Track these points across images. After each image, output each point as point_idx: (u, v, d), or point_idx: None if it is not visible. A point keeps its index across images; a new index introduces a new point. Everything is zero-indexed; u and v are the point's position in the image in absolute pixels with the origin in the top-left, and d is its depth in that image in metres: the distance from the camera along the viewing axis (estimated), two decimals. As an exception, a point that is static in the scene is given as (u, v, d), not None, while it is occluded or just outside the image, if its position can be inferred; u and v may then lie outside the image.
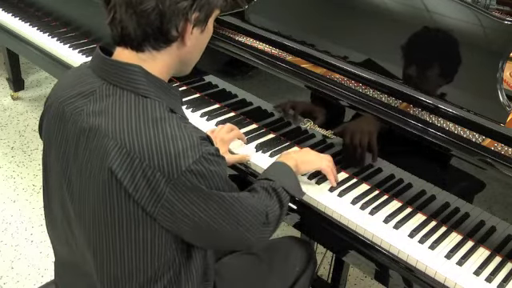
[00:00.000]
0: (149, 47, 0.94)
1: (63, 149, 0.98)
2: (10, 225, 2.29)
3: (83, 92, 0.97)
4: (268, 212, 1.08)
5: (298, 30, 1.56)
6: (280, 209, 1.13)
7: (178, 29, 0.93)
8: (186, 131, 0.90)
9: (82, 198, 0.96)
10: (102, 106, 0.93)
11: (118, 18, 0.92)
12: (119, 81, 0.93)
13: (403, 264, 1.18)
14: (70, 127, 0.96)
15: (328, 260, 1.95)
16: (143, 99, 0.92)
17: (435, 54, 1.35)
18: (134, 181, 0.88)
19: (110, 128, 0.90)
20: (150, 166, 0.86)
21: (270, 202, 1.12)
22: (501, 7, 1.93)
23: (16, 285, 2.02)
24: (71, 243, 1.04)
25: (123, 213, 0.90)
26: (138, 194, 0.88)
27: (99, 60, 0.97)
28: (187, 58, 1.01)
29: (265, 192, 1.14)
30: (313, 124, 1.45)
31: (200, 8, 0.93)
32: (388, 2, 1.44)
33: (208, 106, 1.67)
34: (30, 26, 2.43)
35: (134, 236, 0.91)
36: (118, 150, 0.88)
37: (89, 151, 0.92)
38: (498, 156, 1.16)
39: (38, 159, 2.71)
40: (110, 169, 0.88)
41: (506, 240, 1.19)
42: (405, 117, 1.28)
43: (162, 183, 0.87)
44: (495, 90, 1.24)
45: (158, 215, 0.89)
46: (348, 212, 1.27)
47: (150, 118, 0.90)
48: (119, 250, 0.93)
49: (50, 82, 3.44)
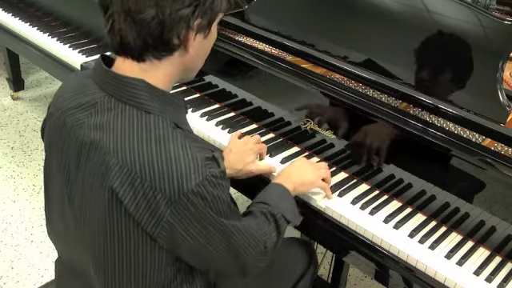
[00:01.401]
0: (150, 56, 0.91)
1: (64, 160, 0.97)
2: (10, 225, 2.29)
3: (84, 103, 0.94)
4: (266, 241, 1.05)
5: (298, 30, 1.56)
6: (277, 236, 1.10)
7: (179, 37, 0.89)
8: (191, 151, 0.87)
9: (82, 211, 0.95)
10: (103, 120, 0.91)
11: (117, 27, 0.88)
12: (121, 94, 0.91)
13: (403, 264, 1.18)
14: (71, 138, 0.95)
15: (328, 260, 1.95)
16: (146, 115, 0.89)
17: (435, 54, 1.35)
18: (135, 201, 0.86)
19: (111, 144, 0.88)
20: (151, 187, 0.84)
21: (268, 229, 1.08)
22: (501, 7, 1.93)
23: (16, 285, 2.02)
24: (73, 251, 1.04)
25: (123, 231, 0.89)
26: (138, 214, 0.86)
27: (100, 71, 0.94)
28: (191, 65, 0.98)
29: (264, 218, 1.10)
30: (313, 124, 1.45)
31: (202, 14, 0.89)
32: (388, 2, 1.44)
33: (208, 106, 1.66)
34: (30, 25, 2.43)
35: (133, 253, 0.90)
36: (120, 169, 0.86)
37: (90, 166, 0.91)
38: (498, 156, 1.16)
39: (37, 159, 2.71)
40: (110, 187, 0.87)
41: (506, 240, 1.19)
42: (405, 117, 1.28)
43: (162, 205, 0.85)
44: (495, 90, 1.24)
45: (157, 236, 0.88)
46: (348, 212, 1.27)
47: (153, 136, 0.87)
48: (118, 265, 0.93)
49: (49, 81, 3.44)
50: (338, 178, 1.38)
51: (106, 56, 0.97)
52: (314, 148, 1.46)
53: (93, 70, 0.98)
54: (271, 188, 1.21)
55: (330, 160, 1.43)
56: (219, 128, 1.56)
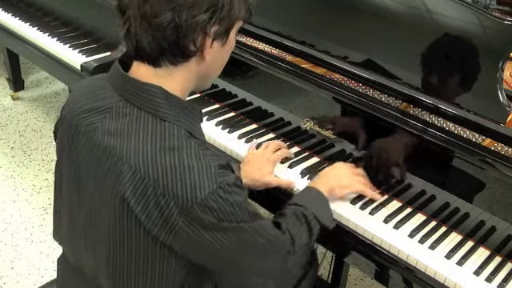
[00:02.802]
0: (166, 62, 0.89)
1: (76, 164, 0.96)
2: (10, 225, 2.29)
3: (99, 107, 0.93)
4: (295, 240, 1.03)
5: (298, 30, 1.56)
6: (309, 238, 1.09)
7: (195, 43, 0.87)
8: (204, 160, 0.85)
9: (92, 216, 0.94)
10: (117, 125, 0.89)
11: (133, 32, 0.87)
12: (137, 100, 0.89)
13: (403, 264, 1.18)
14: (84, 142, 0.94)
15: (328, 260, 1.95)
16: (161, 122, 0.88)
17: (435, 54, 1.35)
18: (147, 210, 0.85)
19: (124, 151, 0.86)
20: (163, 195, 0.83)
21: (300, 229, 1.07)
22: (501, 7, 1.93)
23: (16, 285, 2.02)
24: (81, 255, 1.03)
25: (133, 238, 0.88)
26: (149, 224, 0.85)
27: (118, 75, 0.93)
28: (207, 73, 0.96)
29: (295, 218, 1.09)
30: (313, 124, 1.45)
31: (220, 21, 0.88)
32: (388, 2, 1.44)
33: (208, 106, 1.66)
34: (30, 25, 2.43)
35: (142, 260, 0.89)
36: (132, 176, 0.85)
37: (102, 171, 0.89)
38: (498, 156, 1.16)
39: (38, 159, 2.71)
40: (122, 196, 0.85)
41: (506, 240, 1.19)
42: (405, 117, 1.28)
43: (175, 213, 0.83)
44: (495, 90, 1.24)
45: (172, 242, 0.86)
46: (348, 212, 1.27)
47: (167, 145, 0.86)
48: (126, 271, 0.92)
49: (50, 81, 3.44)
50: (338, 178, 1.38)
51: (123, 60, 0.96)
52: (314, 148, 1.46)
53: (109, 74, 0.96)
54: (306, 191, 1.22)
55: (330, 160, 1.43)
56: (219, 128, 1.56)
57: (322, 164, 1.42)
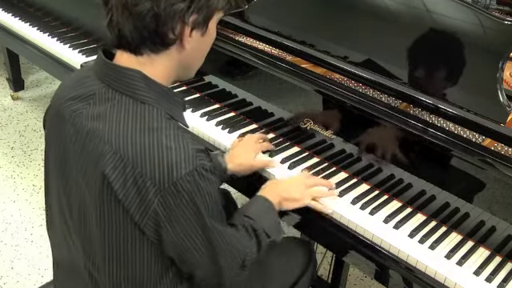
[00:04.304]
0: (147, 50, 0.93)
1: (61, 149, 0.99)
2: (10, 225, 2.29)
3: (83, 94, 0.97)
4: (247, 255, 1.04)
5: (298, 30, 1.56)
6: (257, 252, 1.09)
7: (174, 32, 0.91)
8: (183, 142, 0.88)
9: (76, 199, 0.96)
10: (100, 110, 0.92)
11: (115, 21, 0.91)
12: (118, 85, 0.93)
13: (403, 264, 1.18)
14: (69, 129, 0.96)
15: (328, 260, 1.95)
16: (141, 105, 0.91)
17: (435, 54, 1.35)
18: (125, 187, 0.87)
19: (106, 133, 0.90)
20: (141, 174, 0.86)
21: (249, 243, 1.07)
22: (501, 7, 1.93)
23: (16, 285, 2.02)
24: (69, 242, 1.05)
25: (113, 218, 0.90)
26: (127, 201, 0.88)
27: (101, 63, 0.96)
28: (188, 62, 0.99)
29: (245, 231, 1.08)
30: (313, 124, 1.45)
31: (198, 10, 0.91)
32: (388, 2, 1.44)
33: (208, 106, 1.66)
34: (30, 25, 2.43)
35: (122, 241, 0.91)
36: (113, 155, 0.88)
37: (85, 154, 0.92)
38: (498, 156, 1.16)
39: (37, 159, 2.71)
40: (102, 172, 0.88)
41: (506, 240, 1.19)
42: (405, 117, 1.28)
43: (151, 193, 0.86)
44: (495, 90, 1.24)
45: (144, 227, 0.89)
46: (348, 212, 1.27)
47: (147, 126, 0.89)
48: (108, 252, 0.93)
49: (50, 81, 3.44)
50: (338, 178, 1.38)
51: (107, 50, 0.99)
52: (314, 148, 1.46)
53: (94, 63, 1.00)
54: (256, 201, 1.19)
55: (330, 160, 1.43)
56: (219, 128, 1.56)
57: (321, 164, 1.42)
